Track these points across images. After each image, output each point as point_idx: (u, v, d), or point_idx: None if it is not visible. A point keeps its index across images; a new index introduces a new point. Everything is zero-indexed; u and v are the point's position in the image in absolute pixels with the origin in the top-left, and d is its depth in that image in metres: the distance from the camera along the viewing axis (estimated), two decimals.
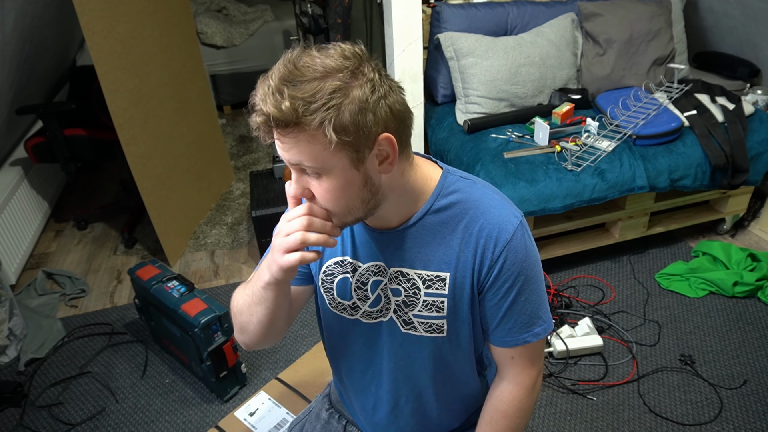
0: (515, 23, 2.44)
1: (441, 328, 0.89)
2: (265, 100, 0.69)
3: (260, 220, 2.35)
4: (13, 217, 2.50)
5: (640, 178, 2.10)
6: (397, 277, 0.88)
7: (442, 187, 0.85)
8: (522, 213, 0.86)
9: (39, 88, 2.84)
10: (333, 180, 0.73)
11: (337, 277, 0.92)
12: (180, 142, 2.64)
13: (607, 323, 2.09)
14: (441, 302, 0.87)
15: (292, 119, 0.67)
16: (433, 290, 0.86)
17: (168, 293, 1.81)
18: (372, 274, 0.89)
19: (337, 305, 0.94)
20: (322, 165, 0.72)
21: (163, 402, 1.87)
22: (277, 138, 0.71)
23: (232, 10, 4.18)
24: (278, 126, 0.69)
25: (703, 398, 1.79)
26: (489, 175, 2.04)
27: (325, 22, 2.74)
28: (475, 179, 0.88)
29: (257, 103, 0.70)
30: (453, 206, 0.84)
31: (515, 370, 0.93)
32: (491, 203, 0.85)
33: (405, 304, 0.89)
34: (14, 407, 1.87)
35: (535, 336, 0.89)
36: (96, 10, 2.02)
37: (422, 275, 0.86)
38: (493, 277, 0.84)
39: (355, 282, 0.91)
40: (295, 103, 0.67)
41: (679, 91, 2.38)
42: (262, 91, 0.69)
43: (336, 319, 0.96)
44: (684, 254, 2.44)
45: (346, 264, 0.91)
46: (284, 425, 1.37)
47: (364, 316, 0.93)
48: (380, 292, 0.90)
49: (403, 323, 0.91)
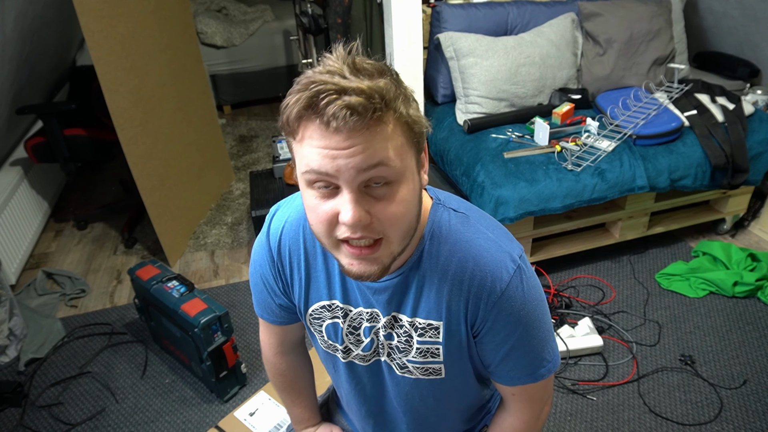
0: (515, 23, 2.44)
1: (438, 371, 0.84)
2: (342, 85, 0.59)
3: (260, 220, 2.35)
4: (13, 217, 2.50)
5: (640, 178, 2.10)
6: (391, 323, 0.82)
7: (432, 224, 0.77)
8: (522, 249, 0.79)
9: (39, 88, 2.84)
10: (405, 187, 0.65)
11: (325, 321, 0.86)
12: (180, 142, 2.64)
13: (607, 323, 2.09)
14: (436, 349, 0.81)
15: (380, 105, 0.60)
16: (427, 338, 0.81)
17: (168, 293, 1.81)
18: (365, 319, 0.83)
19: (328, 346, 0.89)
20: (399, 164, 0.63)
21: (163, 402, 1.87)
22: (348, 139, 0.60)
23: (232, 10, 4.18)
24: (364, 112, 0.59)
25: (703, 398, 1.79)
26: (489, 175, 2.04)
27: (325, 22, 2.74)
28: (469, 213, 0.79)
29: (326, 91, 0.59)
30: (443, 250, 0.76)
31: (517, 405, 0.89)
32: (484, 246, 0.76)
33: (398, 349, 0.83)
34: (14, 407, 1.87)
35: (539, 377, 0.83)
36: (96, 10, 2.02)
37: (414, 323, 0.80)
38: (488, 327, 0.78)
39: (347, 327, 0.85)
40: (379, 88, 0.60)
41: (679, 91, 2.38)
42: (330, 80, 0.60)
43: (329, 357, 0.92)
44: (684, 254, 2.44)
45: (335, 308, 0.84)
46: (284, 425, 1.37)
47: (358, 359, 0.88)
48: (374, 336, 0.84)
49: (398, 367, 0.86)
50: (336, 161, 0.61)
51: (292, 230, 0.84)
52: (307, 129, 0.63)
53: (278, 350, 1.03)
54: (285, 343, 1.02)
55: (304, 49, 3.08)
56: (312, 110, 0.61)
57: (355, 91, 0.59)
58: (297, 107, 0.61)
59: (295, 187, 2.53)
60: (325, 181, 0.63)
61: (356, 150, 0.61)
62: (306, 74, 0.63)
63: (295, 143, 0.66)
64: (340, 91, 0.59)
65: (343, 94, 0.59)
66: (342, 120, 0.59)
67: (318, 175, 0.63)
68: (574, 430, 1.71)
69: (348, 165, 0.61)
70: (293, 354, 1.05)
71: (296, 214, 0.84)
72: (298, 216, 0.84)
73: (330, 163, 0.61)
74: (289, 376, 1.05)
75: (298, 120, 0.63)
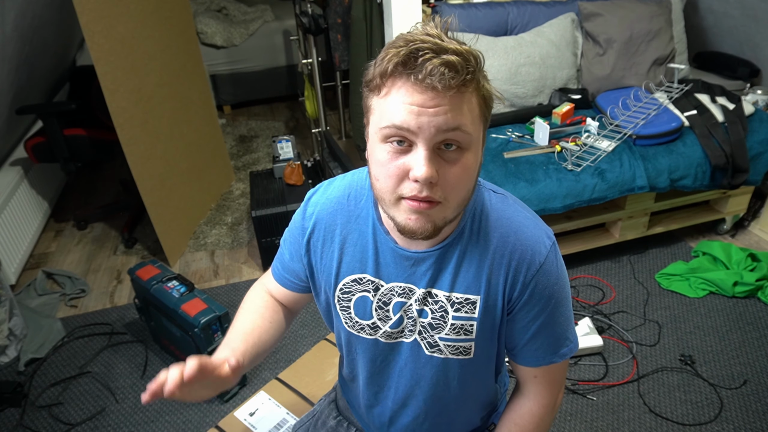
0: (515, 23, 2.44)
1: (468, 350, 0.85)
2: (442, 45, 0.64)
3: (260, 220, 2.35)
4: (13, 217, 2.50)
5: (640, 178, 2.10)
6: (425, 298, 0.83)
7: (474, 202, 0.81)
8: (553, 232, 0.83)
9: (39, 88, 2.84)
10: (472, 155, 0.70)
11: (355, 295, 0.87)
12: (180, 142, 2.64)
13: (607, 323, 2.09)
14: (470, 325, 0.83)
15: (474, 68, 0.65)
16: (463, 313, 0.82)
17: (168, 293, 1.81)
18: (396, 294, 0.84)
19: (353, 325, 0.89)
20: (473, 133, 0.68)
21: (163, 402, 1.87)
22: (435, 99, 0.64)
23: (232, 10, 4.18)
24: (462, 71, 0.63)
25: (703, 398, 1.79)
26: (489, 175, 2.04)
27: (325, 22, 2.74)
28: (506, 194, 0.85)
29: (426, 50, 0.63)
30: (486, 225, 0.80)
31: (537, 388, 0.90)
32: (523, 222, 0.81)
33: (431, 326, 0.84)
34: (14, 407, 1.87)
35: (561, 357, 0.86)
36: (96, 10, 2.02)
37: (451, 298, 0.82)
38: (524, 301, 0.80)
39: (377, 302, 0.85)
40: (475, 53, 0.65)
41: (679, 91, 2.38)
42: (431, 39, 0.64)
43: (352, 338, 0.92)
44: (684, 254, 2.44)
45: (366, 282, 0.85)
46: (284, 425, 1.37)
47: (384, 336, 0.88)
48: (402, 313, 0.85)
49: (428, 345, 0.86)
50: (420, 118, 0.65)
51: (329, 206, 0.88)
52: (395, 84, 0.66)
53: (264, 289, 1.02)
54: (272, 293, 1.01)
55: (304, 49, 3.08)
56: (407, 66, 0.64)
57: (454, 51, 0.63)
58: (394, 60, 0.65)
59: (295, 187, 2.53)
60: (402, 137, 0.67)
61: (441, 110, 0.64)
62: (401, 35, 0.67)
63: (377, 99, 0.69)
64: (439, 51, 0.63)
65: (442, 54, 0.63)
66: (439, 76, 0.63)
67: (398, 130, 0.66)
68: (574, 430, 1.71)
69: (431, 123, 0.65)
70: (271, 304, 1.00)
71: (336, 193, 0.88)
72: (338, 195, 0.88)
73: (414, 119, 0.65)
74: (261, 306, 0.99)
75: (389, 75, 0.66)
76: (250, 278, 2.44)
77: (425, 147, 0.66)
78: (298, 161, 2.60)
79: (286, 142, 2.63)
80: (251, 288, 1.04)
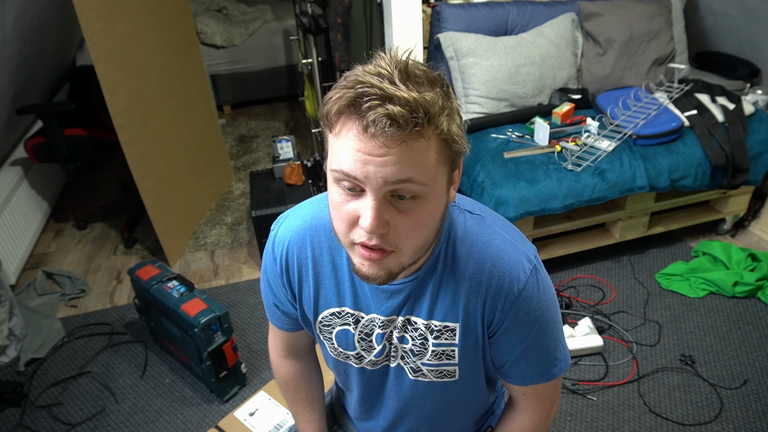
0: (515, 23, 2.44)
1: (452, 373, 0.84)
2: (388, 92, 0.59)
3: (260, 220, 2.35)
4: (13, 217, 2.50)
5: (641, 178, 2.10)
6: (405, 325, 0.82)
7: (449, 227, 0.77)
8: (535, 250, 0.80)
9: (39, 88, 2.84)
10: (430, 204, 0.66)
11: (335, 328, 0.86)
12: (180, 142, 2.64)
13: (608, 323, 2.09)
14: (452, 351, 0.81)
15: (422, 120, 0.59)
16: (443, 340, 0.81)
17: (168, 293, 1.81)
18: (376, 326, 0.83)
19: (339, 354, 0.89)
20: (429, 182, 0.63)
21: (163, 402, 1.87)
22: (383, 147, 0.60)
23: (232, 10, 4.18)
24: (405, 125, 0.59)
25: (703, 398, 1.79)
26: (489, 175, 2.04)
27: (325, 21, 2.74)
28: (483, 214, 0.80)
29: (371, 96, 0.59)
30: (460, 251, 0.77)
31: (527, 405, 0.89)
32: (500, 246, 0.77)
33: (413, 352, 0.83)
34: (14, 407, 1.87)
35: (551, 377, 0.84)
36: (96, 10, 2.02)
37: (430, 325, 0.80)
38: (505, 327, 0.78)
39: (358, 334, 0.84)
40: (425, 102, 0.59)
41: (680, 91, 2.38)
42: (378, 82, 0.59)
43: (339, 364, 0.92)
44: (684, 254, 2.44)
45: (345, 315, 0.84)
46: (284, 425, 1.37)
47: (369, 364, 0.87)
48: (386, 342, 0.84)
49: (411, 371, 0.85)
50: (366, 167, 0.61)
51: (298, 239, 0.84)
52: (344, 126, 0.63)
53: (282, 353, 1.03)
54: (290, 348, 1.02)
55: (304, 49, 3.08)
56: (354, 109, 0.61)
57: (400, 101, 0.58)
58: (339, 104, 0.61)
59: (294, 187, 2.53)
60: (351, 182, 0.64)
61: (389, 160, 0.60)
62: (355, 71, 0.63)
63: (331, 136, 0.66)
64: (385, 98, 0.59)
65: (388, 102, 0.59)
66: (381, 128, 0.59)
67: (346, 176, 0.63)
68: (574, 430, 1.71)
69: (377, 173, 0.61)
70: (298, 360, 1.04)
71: (302, 224, 0.84)
72: (305, 225, 0.84)
73: (361, 167, 0.61)
74: (293, 384, 1.04)
75: (338, 115, 0.63)
76: (250, 278, 2.44)
77: (373, 197, 0.63)
78: (298, 161, 2.60)
79: (286, 142, 2.63)
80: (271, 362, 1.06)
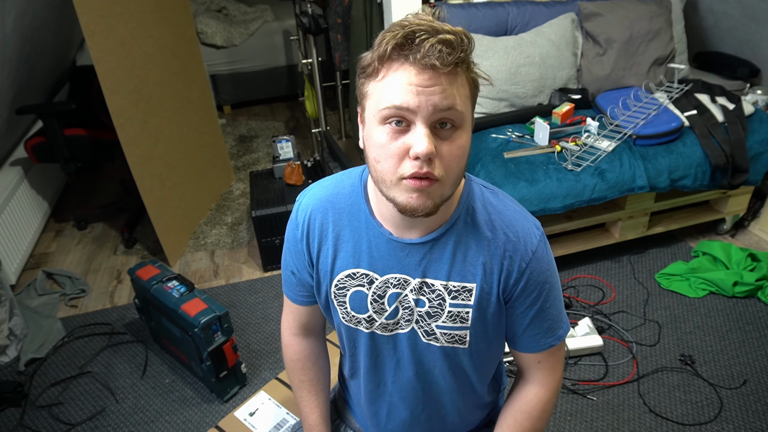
0: (515, 23, 2.44)
1: (464, 339, 0.88)
2: (435, 29, 0.68)
3: (260, 220, 2.35)
4: (13, 217, 2.50)
5: (640, 178, 2.10)
6: (421, 288, 0.85)
7: (467, 194, 0.85)
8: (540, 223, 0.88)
9: (39, 88, 2.84)
10: (464, 134, 0.74)
11: (349, 290, 0.89)
12: (180, 142, 2.64)
13: (607, 323, 2.09)
14: (466, 313, 0.86)
15: (467, 47, 0.69)
16: (459, 301, 0.85)
17: (168, 293, 1.81)
18: (391, 286, 0.86)
19: (350, 319, 0.91)
20: (465, 112, 0.72)
21: (163, 402, 1.87)
22: (432, 78, 0.69)
23: (232, 10, 4.18)
24: (456, 50, 0.68)
25: (703, 398, 1.79)
26: (489, 175, 2.04)
27: (325, 22, 2.74)
28: (496, 190, 0.89)
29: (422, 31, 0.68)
30: (478, 216, 0.84)
31: (542, 373, 0.93)
32: (514, 215, 0.85)
33: (429, 315, 0.87)
34: (14, 407, 1.87)
35: (559, 339, 0.90)
36: (96, 10, 2.02)
37: (448, 286, 0.85)
38: (520, 289, 0.84)
39: (372, 295, 0.88)
40: (467, 34, 0.70)
41: (679, 91, 2.38)
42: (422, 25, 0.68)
43: (350, 332, 0.94)
44: (684, 254, 2.44)
45: (360, 276, 0.88)
46: (284, 425, 1.37)
47: (380, 328, 0.90)
48: (399, 304, 0.87)
49: (425, 334, 0.89)
50: (419, 97, 0.68)
51: (320, 206, 0.90)
52: (391, 67, 0.70)
53: (294, 331, 1.06)
54: (302, 325, 1.05)
55: (304, 49, 3.08)
56: (404, 48, 0.69)
57: (448, 31, 0.68)
58: (392, 43, 0.69)
59: (295, 187, 2.53)
60: (401, 116, 0.70)
61: (437, 89, 0.68)
62: (395, 23, 0.70)
63: (374, 83, 0.73)
64: (434, 32, 0.68)
65: (438, 34, 0.67)
66: (437, 53, 0.67)
67: (398, 110, 0.70)
68: (574, 430, 1.71)
69: (429, 101, 0.69)
70: (308, 339, 1.07)
71: (325, 192, 0.91)
72: (327, 193, 0.91)
73: (413, 98, 0.69)
74: (301, 364, 1.06)
75: (387, 58, 0.70)
76: (250, 278, 2.44)
77: (424, 124, 0.70)
78: (298, 161, 2.60)
79: (286, 142, 2.63)
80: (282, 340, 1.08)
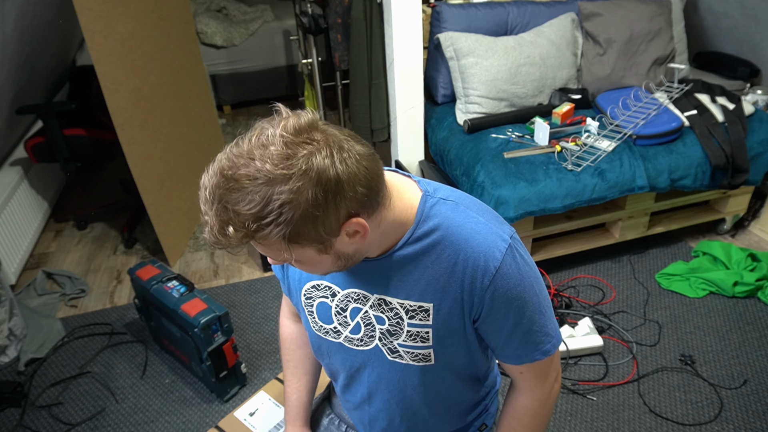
0: (515, 23, 2.44)
1: (428, 357, 0.86)
2: (210, 223, 0.65)
3: None
4: (13, 217, 2.50)
5: (641, 178, 2.10)
6: (380, 305, 0.84)
7: (421, 214, 0.79)
8: (513, 230, 0.82)
9: (39, 88, 2.84)
10: (305, 264, 0.75)
11: (315, 300, 0.91)
12: (180, 142, 2.64)
13: (607, 323, 2.09)
14: (426, 333, 0.84)
15: (243, 240, 0.64)
16: (417, 321, 0.83)
17: (168, 293, 1.81)
18: (352, 300, 0.86)
19: (319, 328, 0.93)
20: (289, 259, 0.71)
21: (163, 402, 1.87)
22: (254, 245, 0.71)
23: (232, 10, 4.18)
24: (219, 243, 0.65)
25: (703, 398, 1.79)
26: (489, 175, 2.04)
27: (325, 22, 2.74)
28: (458, 200, 0.82)
29: (204, 220, 0.66)
30: (433, 234, 0.79)
31: (526, 383, 0.91)
32: (475, 228, 0.78)
33: (389, 332, 0.86)
34: (14, 407, 1.87)
35: (545, 354, 0.85)
36: (96, 10, 2.02)
37: (404, 305, 0.83)
38: (486, 308, 0.80)
39: (335, 307, 0.89)
40: (245, 223, 0.62)
41: (680, 91, 2.38)
42: (204, 208, 0.65)
43: (321, 341, 0.95)
44: (684, 254, 2.44)
45: (323, 288, 0.89)
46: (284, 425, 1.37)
47: (347, 341, 0.91)
48: (360, 320, 0.87)
49: (389, 351, 0.88)
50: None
51: None
52: None
53: (287, 315, 1.13)
54: (293, 312, 1.11)
55: (304, 49, 3.08)
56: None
57: (211, 235, 0.65)
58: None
59: None
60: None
61: (262, 250, 0.70)
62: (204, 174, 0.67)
63: None
64: (205, 223, 0.66)
65: (207, 227, 0.66)
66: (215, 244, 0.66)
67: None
68: (574, 430, 1.71)
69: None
70: (298, 324, 1.12)
71: None
72: None
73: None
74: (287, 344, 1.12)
75: None
76: (250, 278, 2.44)
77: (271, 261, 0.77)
78: None
79: None
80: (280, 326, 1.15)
